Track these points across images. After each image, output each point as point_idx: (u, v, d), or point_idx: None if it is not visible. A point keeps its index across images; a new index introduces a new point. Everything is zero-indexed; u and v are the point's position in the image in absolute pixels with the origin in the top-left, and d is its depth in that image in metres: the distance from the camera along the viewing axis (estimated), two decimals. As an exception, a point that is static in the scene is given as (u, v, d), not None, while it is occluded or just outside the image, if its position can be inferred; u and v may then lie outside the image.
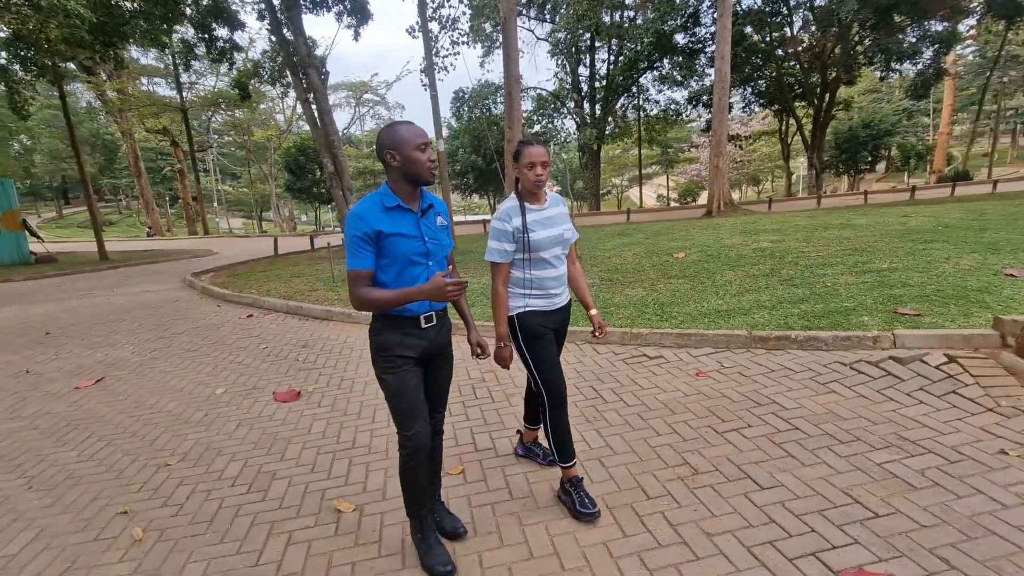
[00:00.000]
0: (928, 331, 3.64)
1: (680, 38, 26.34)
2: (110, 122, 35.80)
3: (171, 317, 7.06)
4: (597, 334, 2.40)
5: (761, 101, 29.58)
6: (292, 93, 22.00)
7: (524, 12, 27.55)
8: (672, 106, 30.50)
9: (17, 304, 8.85)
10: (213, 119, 38.22)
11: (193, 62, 15.90)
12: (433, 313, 1.98)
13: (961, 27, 25.01)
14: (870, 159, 36.55)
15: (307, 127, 41.28)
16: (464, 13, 21.48)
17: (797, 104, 28.78)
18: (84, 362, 5.16)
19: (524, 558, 2.05)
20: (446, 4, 20.37)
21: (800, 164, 42.98)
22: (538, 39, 29.93)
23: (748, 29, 25.64)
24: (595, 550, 2.05)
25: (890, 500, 2.18)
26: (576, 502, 2.27)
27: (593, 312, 2.43)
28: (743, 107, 30.20)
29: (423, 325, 1.95)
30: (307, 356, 4.92)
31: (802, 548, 1.95)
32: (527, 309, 2.27)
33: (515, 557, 2.06)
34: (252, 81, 18.04)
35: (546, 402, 2.28)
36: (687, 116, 31.87)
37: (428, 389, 2.06)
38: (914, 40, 22.42)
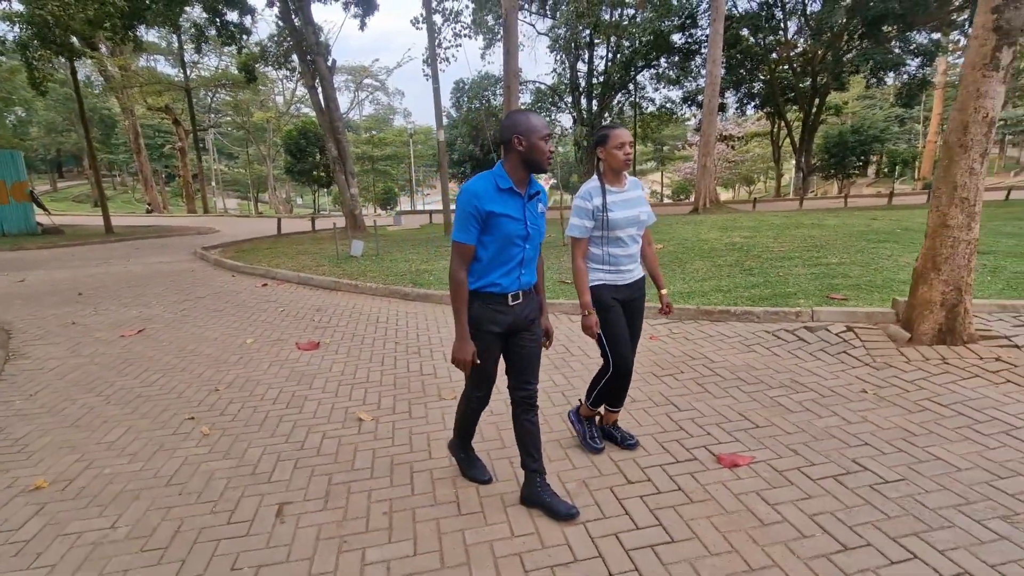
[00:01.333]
0: (840, 308, 4.44)
1: (677, 38, 26.99)
2: (108, 97, 35.94)
3: (191, 284, 7.75)
4: (664, 311, 2.62)
5: (754, 103, 30.36)
6: (294, 76, 22.44)
7: (526, 6, 28.02)
8: (668, 104, 31.25)
9: (41, 269, 9.48)
10: (214, 99, 38.45)
11: (203, 44, 16.33)
12: (520, 292, 2.10)
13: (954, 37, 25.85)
14: (859, 164, 37.45)
15: (307, 109, 41.37)
16: (467, 7, 21.96)
17: (788, 108, 29.59)
18: (121, 317, 5.85)
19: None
20: (450, -3, 20.87)
21: (792, 166, 43.88)
22: (539, 33, 30.44)
23: (744, 32, 26.33)
24: (550, 444, 2.81)
25: (770, 418, 2.97)
26: (587, 434, 2.73)
27: (663, 292, 2.64)
28: (736, 108, 30.91)
29: (510, 303, 2.07)
30: (321, 318, 5.65)
31: (698, 443, 2.73)
32: (599, 283, 2.45)
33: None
34: (257, 64, 18.54)
35: (610, 369, 2.50)
36: (681, 115, 32.63)
37: (516, 361, 2.17)
38: (899, 51, 23.18)
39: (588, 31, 27.74)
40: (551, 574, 1.88)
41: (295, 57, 16.19)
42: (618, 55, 28.67)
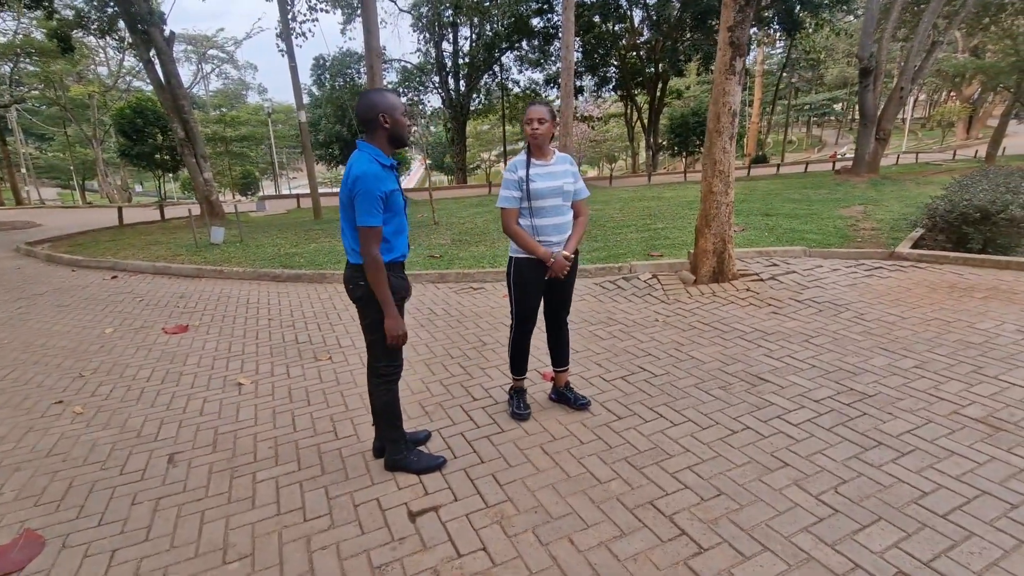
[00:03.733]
0: (652, 262, 5.52)
1: (536, 22, 28.23)
2: None
3: (22, 281, 7.04)
4: (550, 262, 2.53)
5: (609, 86, 32.85)
6: (122, 46, 19.90)
7: (385, -19, 27.34)
8: (532, 86, 32.62)
9: None
10: (15, 69, 32.41)
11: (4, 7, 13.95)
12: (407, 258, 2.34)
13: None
14: (699, 143, 42.23)
15: (139, 83, 36.58)
16: (322, -22, 20.95)
17: (638, 91, 32.50)
18: (-59, 320, 5.29)
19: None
20: (301, -33, 19.82)
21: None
22: (401, 11, 29.93)
23: (597, 18, 28.27)
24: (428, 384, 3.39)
25: (587, 345, 3.82)
26: (513, 405, 2.91)
27: (564, 252, 2.57)
28: (593, 91, 33.16)
29: (405, 268, 2.31)
30: (186, 304, 5.61)
31: (531, 367, 3.47)
32: (523, 256, 2.59)
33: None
34: (75, 32, 16.23)
35: (513, 327, 2.79)
36: (545, 96, 34.28)
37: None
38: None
39: (450, 11, 27.93)
40: (410, 464, 2.48)
41: (123, 25, 14.50)
42: (481, 37, 29.24)
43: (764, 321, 4.05)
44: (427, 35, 29.38)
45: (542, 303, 2.80)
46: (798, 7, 23.63)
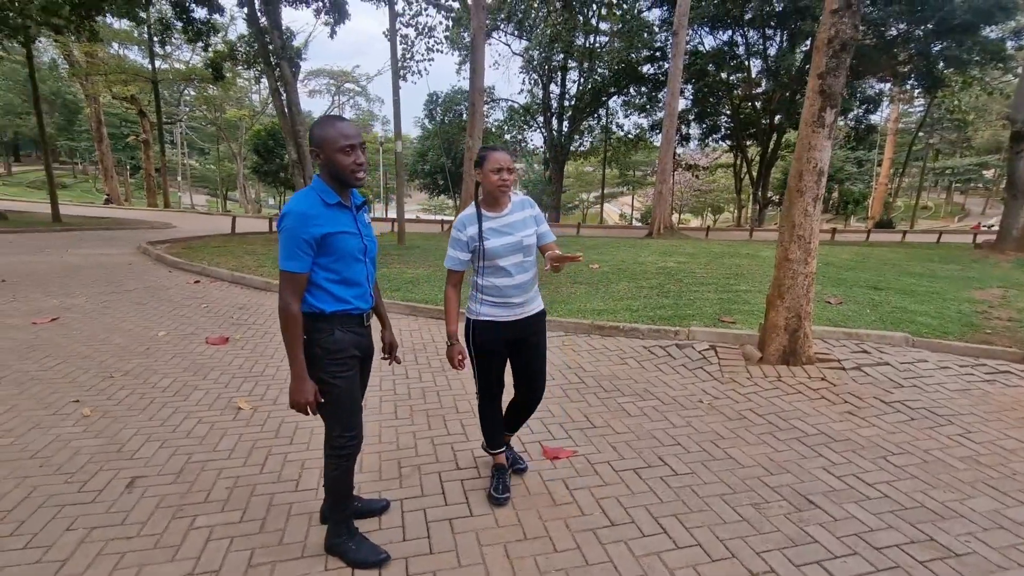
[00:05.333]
0: (714, 329, 4.87)
1: (647, 69, 28.09)
2: (72, 82, 35.07)
3: (123, 277, 7.79)
4: (548, 266, 2.12)
5: (717, 135, 31.67)
6: (262, 77, 22.50)
7: (501, 27, 28.74)
8: (637, 131, 32.34)
9: (-28, 254, 9.32)
10: (185, 93, 37.98)
11: (169, 39, 16.33)
12: (369, 312, 2.02)
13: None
14: (813, 200, 39.16)
15: (282, 111, 41.14)
16: (440, 23, 22.46)
17: (750, 143, 30.97)
18: (41, 306, 5.90)
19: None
20: (423, 13, 21.34)
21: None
22: (514, 53, 31.20)
23: (711, 67, 27.55)
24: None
25: (608, 421, 3.32)
26: (491, 485, 2.49)
27: (555, 251, 2.17)
28: (700, 139, 32.12)
29: (364, 323, 1.99)
30: (242, 316, 5.82)
31: (534, 439, 3.05)
32: (481, 319, 2.28)
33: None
34: (226, 63, 18.59)
35: (479, 400, 2.46)
36: (649, 141, 33.74)
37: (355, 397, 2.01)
38: (847, 96, 24.62)
39: (561, 54, 28.63)
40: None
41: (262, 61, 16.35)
42: (589, 80, 29.59)
43: (834, 423, 3.30)
44: (535, 77, 30.25)
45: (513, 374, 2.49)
46: (941, 62, 21.39)
